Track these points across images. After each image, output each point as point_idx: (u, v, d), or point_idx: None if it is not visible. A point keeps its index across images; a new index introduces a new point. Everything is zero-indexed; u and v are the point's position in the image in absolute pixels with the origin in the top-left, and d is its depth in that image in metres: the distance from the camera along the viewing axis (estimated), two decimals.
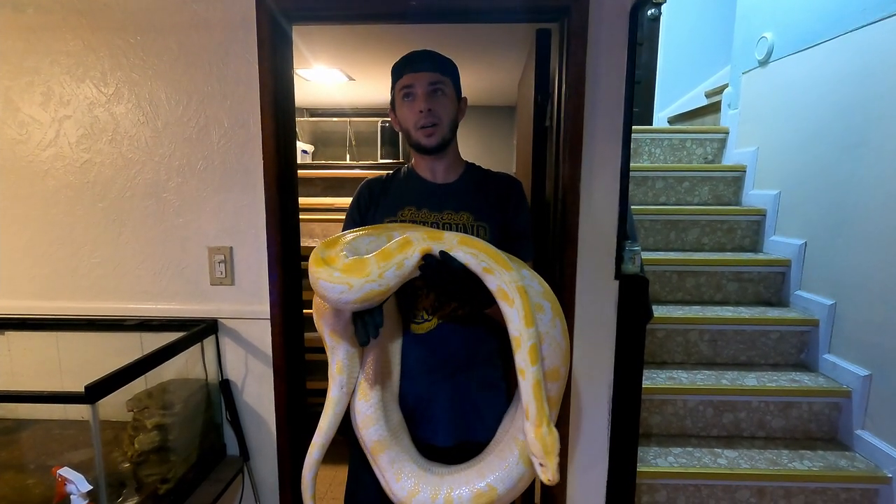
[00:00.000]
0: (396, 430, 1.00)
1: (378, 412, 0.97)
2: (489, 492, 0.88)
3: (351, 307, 0.85)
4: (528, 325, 0.83)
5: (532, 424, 0.81)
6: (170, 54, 1.47)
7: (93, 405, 1.06)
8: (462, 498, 0.88)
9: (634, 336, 1.51)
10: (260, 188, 1.50)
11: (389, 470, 0.95)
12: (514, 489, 0.89)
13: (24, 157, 1.53)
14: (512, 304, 0.84)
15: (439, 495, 0.89)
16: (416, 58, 1.08)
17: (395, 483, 0.93)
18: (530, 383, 0.82)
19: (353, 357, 0.97)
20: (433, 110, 1.05)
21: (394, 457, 0.95)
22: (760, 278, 2.39)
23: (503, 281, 0.85)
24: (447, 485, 0.90)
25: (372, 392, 0.98)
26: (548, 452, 0.78)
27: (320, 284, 0.84)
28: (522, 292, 0.84)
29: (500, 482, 0.88)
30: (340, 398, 0.97)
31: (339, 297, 0.83)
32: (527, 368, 0.83)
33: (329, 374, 0.98)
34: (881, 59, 1.86)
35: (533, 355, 0.82)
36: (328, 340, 0.97)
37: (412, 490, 0.91)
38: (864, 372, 1.88)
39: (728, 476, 1.80)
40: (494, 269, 0.86)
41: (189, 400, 1.48)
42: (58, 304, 1.57)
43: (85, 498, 1.06)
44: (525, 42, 2.22)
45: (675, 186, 2.76)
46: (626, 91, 1.43)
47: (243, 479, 1.63)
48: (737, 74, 2.88)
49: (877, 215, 1.85)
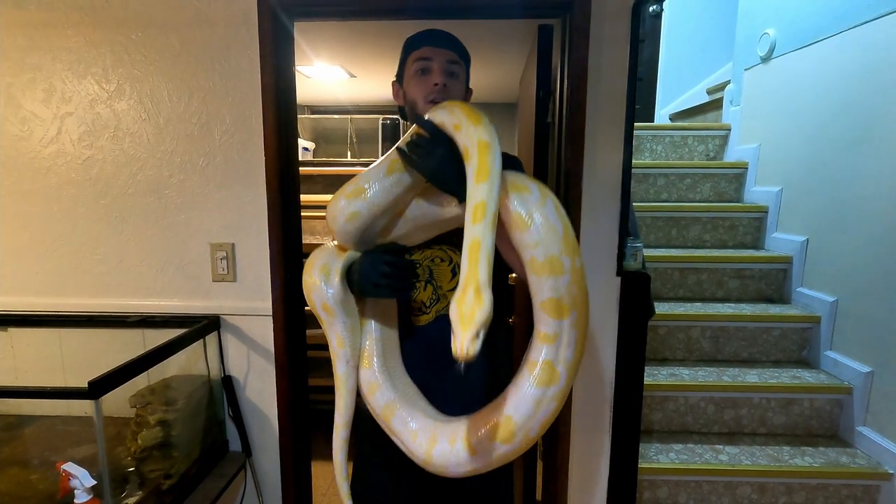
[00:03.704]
0: (406, 391, 0.96)
1: (382, 376, 0.95)
2: (505, 422, 0.78)
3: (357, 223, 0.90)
4: (478, 180, 0.73)
5: (458, 289, 0.69)
6: (171, 50, 1.47)
7: (96, 401, 1.07)
8: (480, 435, 0.79)
9: (636, 333, 1.51)
10: (261, 185, 1.50)
11: (404, 431, 0.89)
12: (532, 417, 0.77)
13: (27, 154, 1.53)
14: (469, 158, 0.76)
15: (457, 440, 0.82)
16: (438, 34, 1.06)
17: (411, 443, 0.87)
18: (466, 244, 0.71)
19: (352, 329, 0.95)
20: (448, 87, 1.02)
21: (405, 417, 0.90)
22: (762, 275, 2.39)
23: (468, 137, 0.77)
24: (464, 427, 0.83)
25: (375, 359, 0.96)
26: (463, 321, 0.66)
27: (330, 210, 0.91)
28: (483, 147, 0.75)
29: (515, 410, 0.77)
30: (348, 373, 0.94)
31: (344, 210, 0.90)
32: (467, 229, 0.72)
33: (331, 352, 0.96)
34: (884, 55, 1.85)
35: (477, 213, 0.71)
36: (323, 315, 0.95)
37: (429, 444, 0.85)
38: (865, 368, 1.88)
39: (729, 472, 1.80)
40: (462, 126, 0.79)
41: (192, 396, 1.48)
42: (60, 300, 1.58)
43: (89, 493, 1.06)
44: (526, 38, 2.22)
45: (677, 183, 2.75)
46: (627, 88, 1.42)
47: (246, 475, 1.63)
48: (739, 71, 2.88)
49: (879, 212, 1.85)
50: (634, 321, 1.51)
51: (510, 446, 0.78)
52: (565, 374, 0.77)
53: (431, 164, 0.84)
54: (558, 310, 0.77)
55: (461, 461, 0.81)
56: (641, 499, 1.87)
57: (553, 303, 0.77)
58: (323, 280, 0.94)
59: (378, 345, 0.98)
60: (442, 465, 0.83)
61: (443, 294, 1.06)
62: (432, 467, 0.85)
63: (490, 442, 0.78)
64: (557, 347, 0.77)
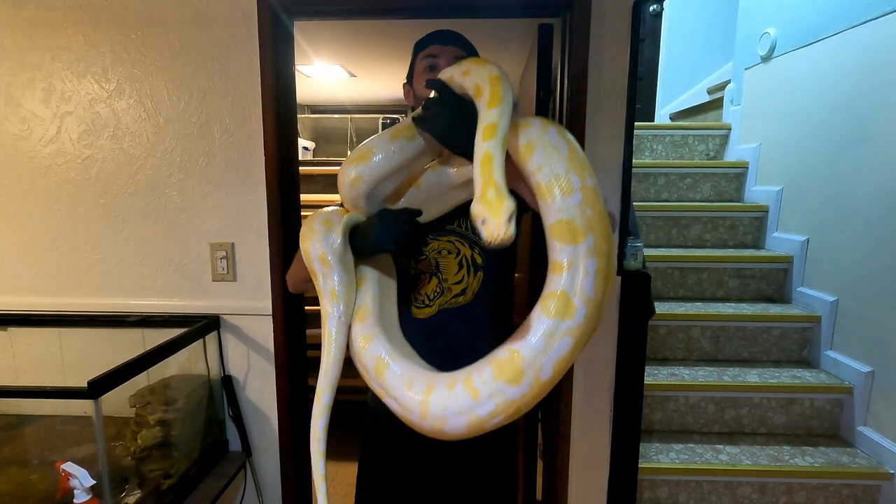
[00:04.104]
0: (401, 347, 0.90)
1: (377, 329, 0.88)
2: (510, 357, 0.69)
3: (360, 187, 0.91)
4: (490, 107, 0.74)
5: (476, 196, 0.67)
6: (171, 50, 1.46)
7: (96, 400, 1.07)
8: (483, 376, 0.70)
9: (636, 332, 1.51)
10: (261, 184, 1.50)
11: (398, 384, 0.79)
12: (543, 352, 0.67)
13: (26, 153, 1.53)
14: (481, 94, 0.77)
15: (457, 384, 0.72)
16: (445, 33, 1.08)
17: (405, 395, 0.77)
18: (477, 159, 0.70)
19: (348, 285, 0.90)
20: None
21: (398, 370, 0.81)
22: (762, 275, 2.39)
23: (478, 76, 0.79)
24: (464, 373, 0.73)
25: (370, 315, 0.91)
26: (491, 208, 0.64)
27: (338, 177, 0.93)
28: (494, 79, 0.77)
29: (523, 344, 0.68)
30: (339, 329, 0.86)
31: (348, 174, 0.91)
32: (478, 147, 0.72)
33: (322, 310, 0.90)
34: (884, 54, 1.85)
35: (487, 132, 0.72)
36: (318, 267, 0.90)
37: (425, 392, 0.75)
38: (866, 368, 1.88)
39: (730, 472, 1.80)
40: (471, 70, 0.81)
41: (191, 396, 1.48)
42: (60, 300, 1.58)
43: (88, 492, 1.06)
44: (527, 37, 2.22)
45: (677, 183, 2.75)
46: (628, 87, 1.42)
47: (245, 475, 1.63)
48: (739, 70, 2.87)
49: (879, 211, 1.84)
50: (635, 321, 1.51)
51: (518, 388, 0.68)
52: (583, 309, 0.67)
53: (440, 125, 0.84)
54: (570, 233, 0.69)
55: (462, 407, 0.70)
56: (641, 499, 1.86)
57: (562, 225, 0.69)
58: (325, 230, 0.91)
59: (375, 303, 0.93)
60: (440, 415, 0.72)
61: (447, 287, 1.04)
62: (429, 421, 0.74)
63: (494, 382, 0.68)
64: (573, 277, 0.68)
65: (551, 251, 0.71)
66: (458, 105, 0.84)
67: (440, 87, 0.87)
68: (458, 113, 0.83)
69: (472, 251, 1.04)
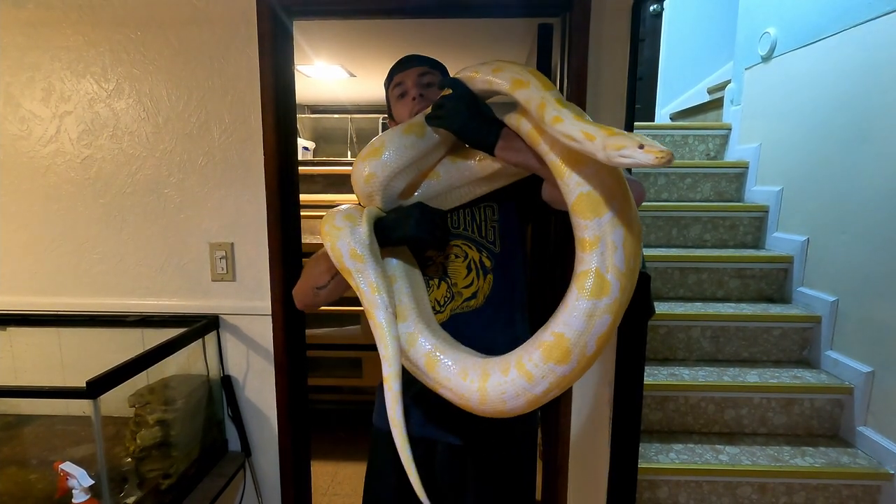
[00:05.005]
0: (445, 338, 0.91)
1: (420, 325, 0.89)
2: (556, 340, 0.72)
3: (374, 184, 0.92)
4: (547, 87, 0.77)
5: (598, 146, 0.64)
6: (170, 49, 1.46)
7: (95, 400, 1.07)
8: (533, 358, 0.74)
9: (636, 332, 1.51)
10: (261, 184, 1.50)
11: (452, 375, 0.82)
12: (586, 332, 0.70)
13: (26, 153, 1.53)
14: (525, 85, 0.79)
15: (510, 368, 0.76)
16: (405, 59, 1.11)
17: (462, 384, 0.80)
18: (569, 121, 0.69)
19: (384, 275, 0.88)
20: (425, 96, 1.05)
21: (450, 362, 0.83)
22: (763, 275, 2.38)
23: (515, 72, 0.82)
24: (515, 357, 0.77)
25: (409, 311, 0.91)
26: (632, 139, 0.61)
27: (352, 174, 0.95)
28: (536, 72, 0.81)
29: (566, 326, 0.71)
30: (389, 319, 0.84)
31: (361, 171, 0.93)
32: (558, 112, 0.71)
33: (365, 304, 0.86)
34: (885, 54, 1.84)
35: (559, 102, 0.73)
36: (351, 264, 0.87)
37: (482, 379, 0.78)
38: (866, 368, 1.88)
39: (729, 472, 1.80)
40: (504, 67, 0.84)
41: (191, 396, 1.48)
42: (59, 300, 1.57)
43: (87, 492, 1.06)
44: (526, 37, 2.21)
45: (677, 183, 2.75)
46: (627, 87, 1.42)
47: (245, 475, 1.63)
48: (739, 70, 2.87)
49: (880, 212, 1.84)
50: (634, 321, 1.50)
51: (567, 366, 0.72)
52: (618, 284, 0.70)
53: (458, 120, 0.86)
54: (592, 206, 0.70)
55: (519, 390, 0.75)
56: (641, 499, 1.86)
57: (583, 199, 0.71)
58: (349, 225, 0.89)
59: (410, 299, 0.92)
60: (499, 398, 0.76)
61: (457, 291, 1.03)
62: (489, 405, 0.78)
63: (545, 364, 0.73)
64: (602, 252, 0.70)
65: (577, 229, 0.73)
66: (473, 99, 0.87)
67: (454, 83, 0.89)
68: (475, 106, 0.86)
69: (480, 254, 1.03)
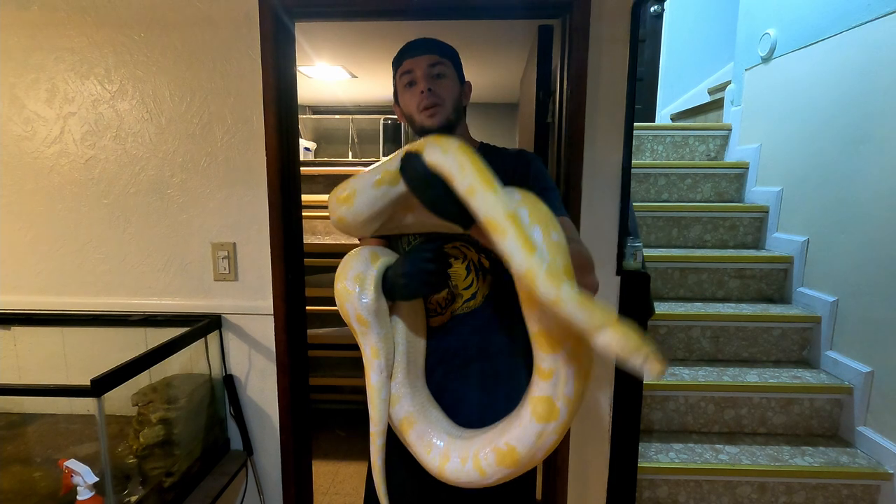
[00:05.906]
0: (424, 404, 0.98)
1: (405, 389, 0.96)
2: (508, 451, 0.83)
3: (344, 227, 0.97)
4: (531, 251, 0.69)
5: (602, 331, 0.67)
6: (173, 51, 1.47)
7: (98, 398, 1.07)
8: (488, 459, 0.85)
9: None
10: (263, 185, 1.51)
11: (419, 444, 0.94)
12: (534, 447, 0.81)
13: (30, 154, 1.54)
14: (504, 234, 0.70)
15: (468, 459, 0.87)
16: (414, 44, 1.07)
17: (426, 456, 0.93)
18: (569, 303, 0.67)
19: (386, 339, 0.95)
20: (434, 90, 1.03)
21: (421, 431, 0.95)
22: (762, 275, 2.39)
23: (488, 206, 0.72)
24: (475, 447, 0.88)
25: (399, 371, 0.97)
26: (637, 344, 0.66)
27: (328, 205, 0.97)
28: (513, 219, 0.71)
29: (518, 442, 0.82)
30: (383, 382, 0.94)
31: (335, 211, 0.96)
32: (556, 293, 0.67)
33: (364, 361, 0.94)
34: (885, 54, 1.85)
35: (554, 278, 0.68)
36: (356, 326, 0.94)
37: (442, 460, 0.91)
38: (865, 368, 1.88)
39: (729, 472, 1.81)
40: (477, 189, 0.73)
41: (193, 394, 1.49)
42: (63, 299, 1.59)
43: (91, 490, 1.07)
44: (527, 38, 2.22)
45: (678, 183, 2.75)
46: (628, 88, 1.43)
47: (247, 474, 1.64)
48: (740, 71, 2.88)
49: (880, 212, 1.85)
50: (634, 320, 1.51)
51: (516, 469, 0.85)
52: (565, 410, 0.79)
53: (430, 195, 0.80)
54: (549, 343, 0.77)
55: (472, 479, 0.88)
56: (641, 498, 1.87)
57: (542, 336, 0.78)
58: (357, 289, 0.92)
59: (403, 358, 0.98)
60: (454, 480, 0.90)
61: (457, 293, 1.04)
62: (445, 480, 0.91)
63: (497, 466, 0.85)
64: (555, 384, 0.78)
65: (535, 356, 0.81)
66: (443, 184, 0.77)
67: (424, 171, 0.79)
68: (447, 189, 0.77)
69: (478, 255, 1.03)
